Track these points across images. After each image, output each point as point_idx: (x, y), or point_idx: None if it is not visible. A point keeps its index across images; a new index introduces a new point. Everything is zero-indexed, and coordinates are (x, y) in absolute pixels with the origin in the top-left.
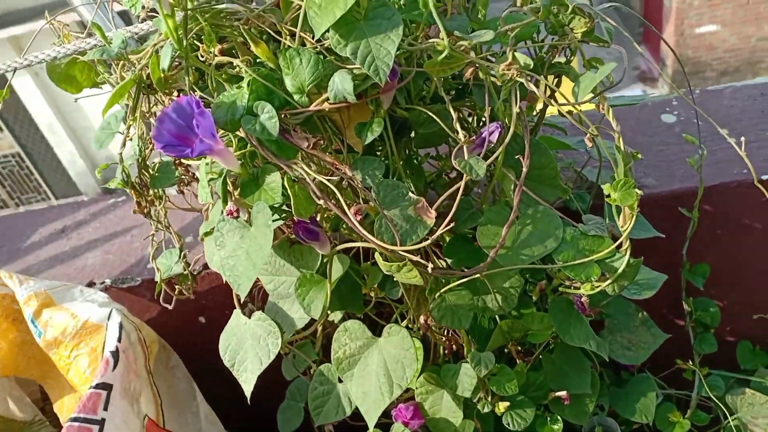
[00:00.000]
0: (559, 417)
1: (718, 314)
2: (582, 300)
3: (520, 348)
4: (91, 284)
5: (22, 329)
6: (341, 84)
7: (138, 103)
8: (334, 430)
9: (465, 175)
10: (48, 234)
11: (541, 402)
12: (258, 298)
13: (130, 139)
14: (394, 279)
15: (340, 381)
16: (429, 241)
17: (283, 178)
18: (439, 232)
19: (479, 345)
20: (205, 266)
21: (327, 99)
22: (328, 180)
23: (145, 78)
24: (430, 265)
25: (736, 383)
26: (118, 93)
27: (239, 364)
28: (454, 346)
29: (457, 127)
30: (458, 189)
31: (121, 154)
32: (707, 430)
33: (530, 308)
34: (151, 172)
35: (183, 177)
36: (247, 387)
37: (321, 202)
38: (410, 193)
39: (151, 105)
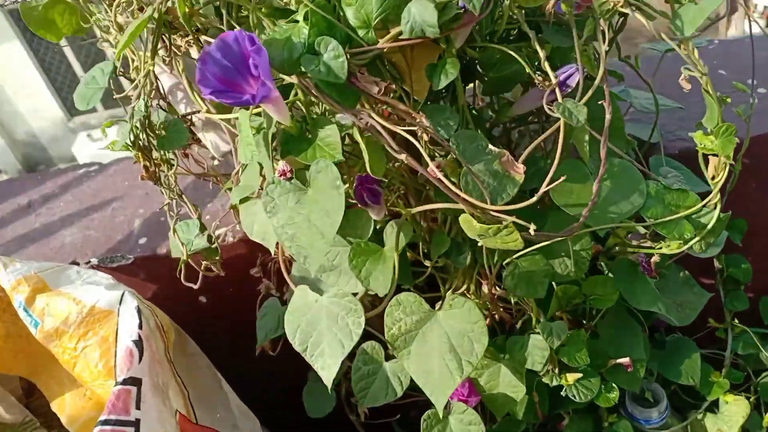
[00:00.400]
0: (614, 385)
1: (750, 270)
2: (651, 261)
3: (570, 316)
4: (74, 264)
5: (7, 320)
6: (420, 15)
7: (155, 46)
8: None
9: (562, 121)
10: (11, 210)
11: (600, 370)
12: (272, 272)
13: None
14: (462, 246)
15: (386, 360)
16: (535, 199)
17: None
18: (545, 188)
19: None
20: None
21: (397, 35)
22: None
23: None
24: (533, 227)
25: (764, 339)
26: (134, 32)
27: (313, 348)
28: (508, 317)
29: (546, 67)
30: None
31: (134, 108)
32: (740, 388)
33: (594, 272)
34: (157, 132)
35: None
36: (327, 374)
37: (402, 156)
38: (489, 146)
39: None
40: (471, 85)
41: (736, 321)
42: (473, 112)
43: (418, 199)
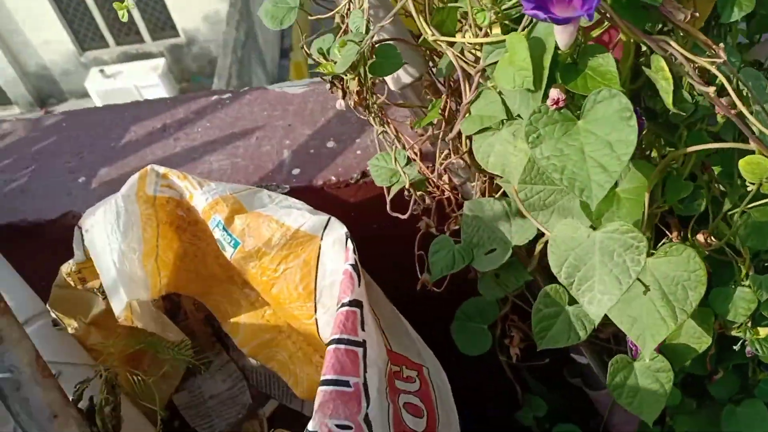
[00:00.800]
0: None
1: None
2: None
3: None
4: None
5: (185, 240)
6: None
7: None
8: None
9: None
10: (145, 133)
11: None
12: (433, 210)
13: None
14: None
15: (570, 304)
16: None
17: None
18: None
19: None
20: (364, 174)
21: None
22: None
23: None
24: None
25: None
26: None
27: (581, 283)
28: None
29: None
30: None
31: (357, 28)
32: None
33: None
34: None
35: None
36: (597, 310)
37: (710, 90)
38: None
39: None
40: None
41: None
42: None
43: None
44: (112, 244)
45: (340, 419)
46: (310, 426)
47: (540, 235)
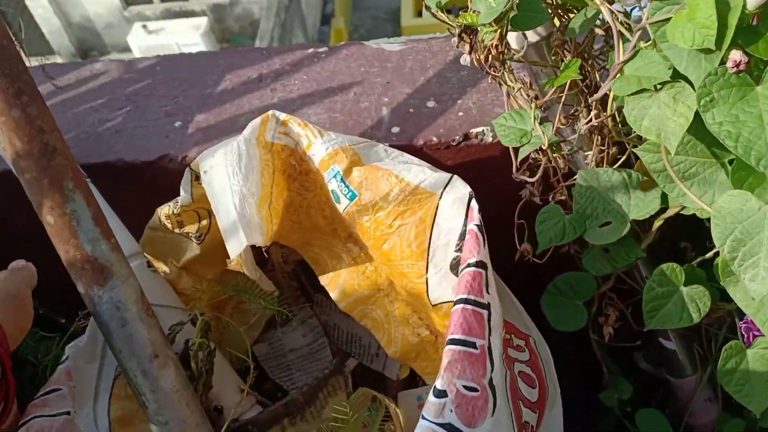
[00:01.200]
0: None
1: None
2: None
3: None
4: None
5: (293, 189)
6: None
7: None
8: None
9: None
10: (241, 82)
11: None
12: (540, 177)
13: None
14: None
15: (686, 285)
16: None
17: None
18: None
19: None
20: (466, 136)
21: None
22: None
23: None
24: None
25: None
26: None
27: (744, 259)
28: None
29: None
30: None
31: None
32: None
33: None
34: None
35: None
36: (759, 287)
37: None
38: None
39: None
40: None
41: None
42: None
43: None
44: (233, 186)
45: (468, 381)
46: (438, 384)
47: (661, 210)
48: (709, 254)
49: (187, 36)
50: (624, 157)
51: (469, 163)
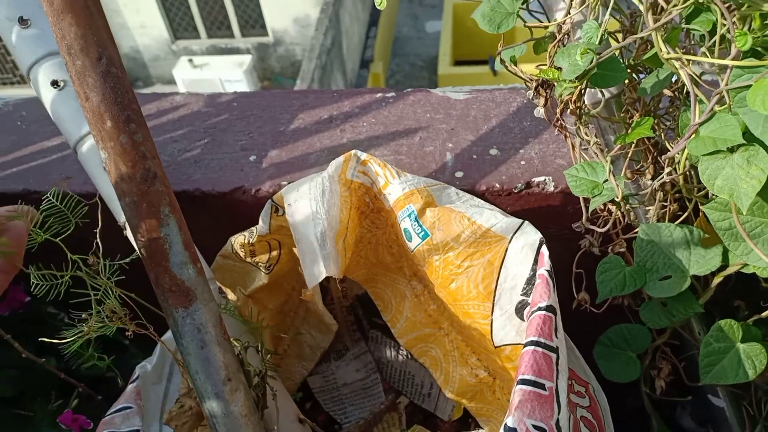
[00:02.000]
0: None
1: None
2: None
3: None
4: None
5: (365, 226)
6: None
7: None
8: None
9: None
10: (312, 121)
11: None
12: (602, 230)
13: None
14: None
15: (743, 341)
16: None
17: None
18: None
19: None
20: (528, 185)
21: None
22: None
23: None
24: None
25: None
26: None
27: None
28: None
29: None
30: None
31: (590, 39)
32: None
33: None
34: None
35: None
36: None
37: None
38: None
39: None
40: None
41: None
42: None
43: None
44: (316, 219)
45: (537, 421)
46: (508, 422)
47: (721, 267)
48: (765, 314)
49: (231, 72)
50: (685, 215)
51: (529, 210)
